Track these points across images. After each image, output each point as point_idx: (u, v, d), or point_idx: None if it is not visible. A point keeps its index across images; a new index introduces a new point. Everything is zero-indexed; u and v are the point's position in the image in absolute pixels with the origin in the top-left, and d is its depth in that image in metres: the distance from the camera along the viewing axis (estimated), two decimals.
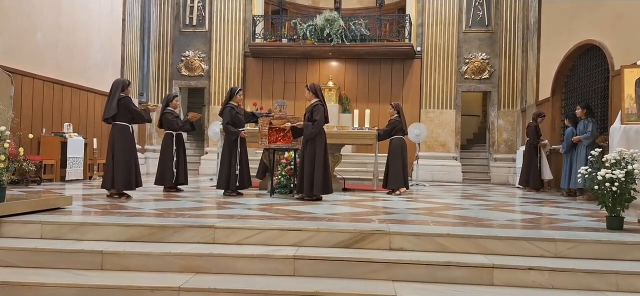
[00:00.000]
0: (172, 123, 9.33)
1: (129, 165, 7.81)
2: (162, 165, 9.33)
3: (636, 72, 6.74)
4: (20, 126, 10.37)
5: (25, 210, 5.50)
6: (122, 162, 7.73)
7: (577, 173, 6.30)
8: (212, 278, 4.39)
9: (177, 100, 9.79)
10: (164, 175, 9.27)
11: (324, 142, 8.02)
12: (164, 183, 9.25)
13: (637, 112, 6.63)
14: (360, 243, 4.89)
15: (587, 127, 9.74)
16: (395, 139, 10.10)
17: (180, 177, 9.35)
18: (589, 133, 9.63)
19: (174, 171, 9.23)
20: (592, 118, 9.86)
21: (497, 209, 7.60)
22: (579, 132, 9.92)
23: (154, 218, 5.65)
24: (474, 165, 17.27)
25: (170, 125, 9.35)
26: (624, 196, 5.36)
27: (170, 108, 9.48)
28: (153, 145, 17.15)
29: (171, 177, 9.22)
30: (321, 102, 8.09)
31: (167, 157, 9.29)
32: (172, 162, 9.24)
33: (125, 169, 7.75)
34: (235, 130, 8.70)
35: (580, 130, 9.91)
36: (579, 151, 9.86)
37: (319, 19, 16.50)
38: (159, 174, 9.37)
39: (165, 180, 9.26)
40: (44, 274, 4.42)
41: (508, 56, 16.28)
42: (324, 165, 7.95)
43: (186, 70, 17.71)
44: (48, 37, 11.74)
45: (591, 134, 9.61)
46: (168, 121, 9.37)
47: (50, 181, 11.08)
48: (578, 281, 4.32)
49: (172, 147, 9.30)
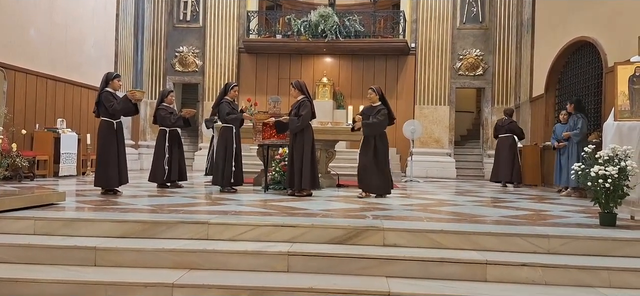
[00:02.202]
0: (166, 119, 9.29)
1: (108, 163, 7.57)
2: (154, 161, 9.32)
3: (629, 69, 6.75)
4: (14, 121, 10.34)
5: (18, 206, 5.48)
6: (103, 158, 7.58)
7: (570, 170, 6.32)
8: (206, 274, 4.39)
9: (172, 96, 9.75)
10: (156, 172, 9.25)
11: (311, 137, 8.04)
12: (156, 180, 9.23)
13: (630, 109, 6.65)
14: (354, 239, 4.89)
15: (577, 123, 9.69)
16: None
17: (173, 173, 9.31)
18: (578, 130, 9.61)
19: (165, 168, 9.19)
20: (582, 114, 9.86)
21: (491, 205, 7.62)
22: (569, 128, 9.88)
23: (147, 214, 5.63)
24: (467, 161, 17.31)
25: (163, 121, 9.32)
26: (617, 192, 5.38)
27: (165, 104, 9.46)
28: (147, 141, 17.11)
29: (163, 173, 9.18)
30: (307, 98, 8.10)
31: (160, 154, 9.26)
32: (164, 159, 9.20)
33: (105, 167, 7.57)
34: (238, 115, 8.66)
35: (570, 125, 9.86)
36: (570, 147, 9.82)
37: (314, 15, 16.48)
38: (151, 171, 9.36)
39: (157, 177, 9.23)
40: (37, 270, 4.40)
41: (502, 53, 16.31)
42: (312, 160, 7.97)
43: (180, 66, 17.66)
44: (42, 32, 11.68)
45: (581, 131, 9.60)
46: (162, 117, 9.33)
47: (43, 177, 11.04)
48: (571, 278, 4.34)
49: (164, 143, 9.26)
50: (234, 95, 8.87)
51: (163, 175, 9.18)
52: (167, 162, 9.23)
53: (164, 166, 9.19)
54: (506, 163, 11.96)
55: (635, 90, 6.64)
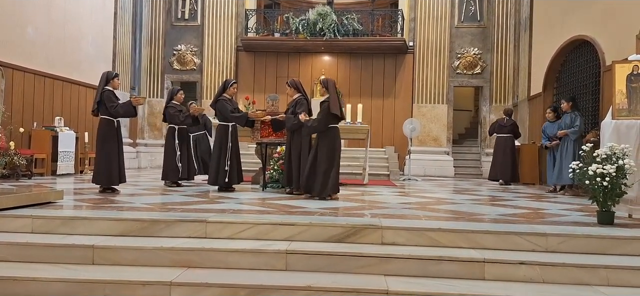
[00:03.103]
0: (175, 117, 9.33)
1: (110, 161, 7.61)
2: (165, 159, 9.38)
3: (627, 67, 6.76)
4: (12, 120, 10.33)
5: (16, 205, 5.47)
6: (105, 157, 7.59)
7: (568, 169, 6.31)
8: (204, 272, 4.38)
9: (181, 94, 9.77)
10: (167, 170, 9.30)
11: (309, 136, 7.96)
12: (169, 178, 9.28)
13: (628, 107, 6.66)
14: (353, 238, 4.90)
15: (574, 121, 9.64)
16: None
17: (184, 171, 9.35)
18: (577, 128, 9.59)
19: (178, 165, 9.24)
20: (579, 112, 9.84)
21: (489, 204, 7.63)
22: (565, 126, 9.82)
23: (145, 213, 5.63)
24: (465, 159, 17.32)
25: (172, 119, 9.37)
26: (614, 191, 5.39)
27: (174, 102, 9.52)
28: (145, 139, 17.11)
29: (176, 172, 9.23)
30: (303, 96, 8.06)
31: (170, 152, 9.31)
32: (175, 156, 9.25)
33: (107, 164, 7.59)
34: (243, 114, 8.52)
35: (567, 123, 9.79)
36: (566, 145, 9.73)
37: (312, 14, 16.48)
38: (163, 169, 9.42)
39: (168, 175, 9.28)
40: (35, 268, 4.40)
41: (500, 51, 16.32)
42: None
43: (178, 64, 17.64)
44: (40, 30, 11.66)
45: (579, 128, 9.58)
46: (170, 115, 9.39)
47: (41, 175, 11.02)
48: (569, 276, 4.34)
49: (174, 141, 9.30)
50: (232, 93, 8.66)
51: (177, 173, 9.22)
52: (179, 159, 9.26)
53: (176, 164, 9.22)
54: (507, 164, 12.03)
55: (633, 89, 6.66)
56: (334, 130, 7.60)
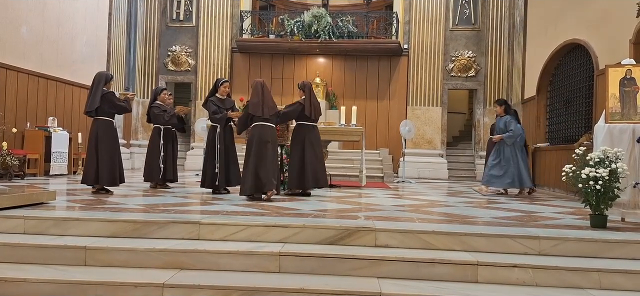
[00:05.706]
0: (159, 117, 9.20)
1: (113, 161, 7.67)
2: (149, 160, 9.20)
3: (620, 71, 6.78)
4: (4, 120, 10.28)
5: (8, 205, 5.44)
6: (107, 158, 7.61)
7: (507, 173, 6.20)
8: (197, 274, 4.37)
9: (165, 93, 9.56)
10: (151, 171, 9.14)
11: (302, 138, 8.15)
12: (152, 179, 9.14)
13: (621, 111, 6.68)
14: (346, 240, 4.89)
15: (509, 125, 9.72)
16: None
17: (168, 172, 9.21)
18: (511, 132, 9.68)
19: (160, 166, 9.08)
20: (513, 116, 9.94)
21: (482, 206, 7.64)
22: (499, 131, 9.92)
23: (138, 214, 5.61)
24: (459, 162, 17.35)
25: (157, 119, 9.22)
26: (607, 194, 5.41)
27: (158, 102, 9.35)
28: (138, 140, 17.07)
29: (158, 172, 9.09)
30: (300, 102, 8.22)
31: (154, 152, 9.14)
32: (159, 158, 9.09)
33: (110, 165, 7.63)
34: (222, 115, 8.24)
35: (501, 128, 9.88)
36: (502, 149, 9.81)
37: (307, 15, 16.48)
38: (146, 169, 9.24)
39: (152, 176, 9.14)
40: (27, 269, 4.37)
41: (494, 54, 16.37)
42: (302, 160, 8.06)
43: (173, 65, 17.62)
44: (33, 30, 11.62)
45: (514, 133, 9.65)
46: (155, 115, 9.23)
47: (34, 175, 10.98)
48: (561, 279, 4.36)
49: (159, 141, 9.14)
50: (224, 92, 8.48)
51: (159, 173, 9.09)
52: (162, 160, 9.11)
53: (159, 164, 9.10)
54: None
55: (626, 93, 6.68)
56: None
